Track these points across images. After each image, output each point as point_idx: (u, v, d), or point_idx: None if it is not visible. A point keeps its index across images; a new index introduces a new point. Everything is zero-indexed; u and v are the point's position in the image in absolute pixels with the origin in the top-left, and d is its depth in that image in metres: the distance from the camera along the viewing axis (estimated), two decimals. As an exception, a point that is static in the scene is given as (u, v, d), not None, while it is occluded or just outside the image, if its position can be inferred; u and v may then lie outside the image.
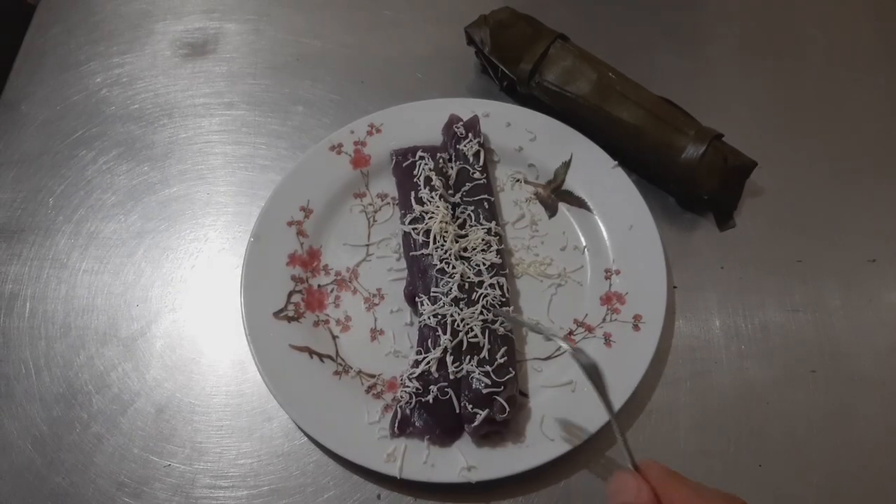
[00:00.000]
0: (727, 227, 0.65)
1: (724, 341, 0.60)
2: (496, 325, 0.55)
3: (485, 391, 0.52)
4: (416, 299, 0.58)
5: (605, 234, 0.62)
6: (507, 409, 0.51)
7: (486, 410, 0.51)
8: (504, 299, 0.57)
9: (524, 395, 0.55)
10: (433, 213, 0.60)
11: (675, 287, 0.62)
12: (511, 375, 0.53)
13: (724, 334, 0.60)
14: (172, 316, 0.62)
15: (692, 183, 0.62)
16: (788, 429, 0.56)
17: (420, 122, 0.67)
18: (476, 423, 0.51)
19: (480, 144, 0.65)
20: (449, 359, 0.54)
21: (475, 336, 0.54)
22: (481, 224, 0.60)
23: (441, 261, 0.58)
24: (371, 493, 0.54)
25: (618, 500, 0.39)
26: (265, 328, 0.57)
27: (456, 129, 0.65)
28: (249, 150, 0.70)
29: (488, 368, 0.53)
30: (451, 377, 0.54)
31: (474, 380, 0.53)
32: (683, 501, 0.37)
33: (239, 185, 0.68)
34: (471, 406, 0.52)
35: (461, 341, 0.54)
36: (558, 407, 0.54)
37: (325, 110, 0.72)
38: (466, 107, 0.67)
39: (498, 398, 0.52)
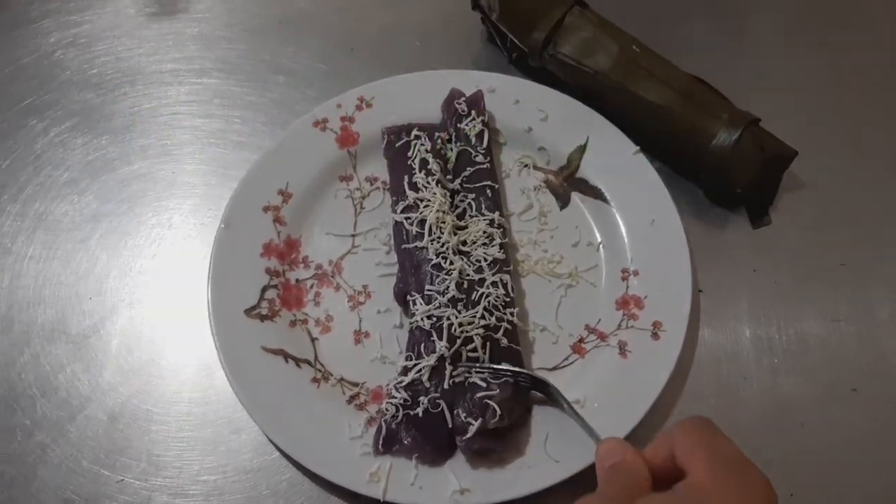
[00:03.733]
0: (762, 225, 0.65)
1: (755, 354, 0.59)
2: (499, 335, 0.55)
3: (478, 396, 0.52)
4: (408, 298, 0.57)
5: (623, 229, 0.62)
6: (499, 412, 0.51)
7: (480, 420, 0.51)
8: (508, 299, 0.57)
9: (526, 409, 0.55)
10: (429, 200, 0.59)
11: (700, 291, 0.61)
12: (506, 378, 0.53)
13: (754, 346, 0.60)
14: (130, 311, 0.61)
15: (723, 173, 0.62)
16: (825, 454, 0.56)
17: (416, 96, 0.67)
18: (469, 435, 0.51)
19: (485, 124, 0.64)
20: (448, 369, 0.54)
21: (474, 349, 0.54)
22: (483, 214, 0.60)
23: (437, 255, 0.57)
24: (350, 517, 0.54)
25: (607, 463, 0.42)
26: (235, 328, 0.57)
27: (457, 106, 0.64)
28: (222, 125, 0.70)
29: (485, 375, 0.53)
30: (447, 386, 0.53)
31: (470, 385, 0.53)
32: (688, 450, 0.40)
33: (209, 163, 0.68)
34: (464, 416, 0.52)
35: (459, 353, 0.54)
36: (564, 424, 0.54)
37: (309, 81, 0.72)
38: (470, 80, 0.67)
39: (491, 403, 0.52)
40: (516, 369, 0.54)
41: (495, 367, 0.54)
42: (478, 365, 0.54)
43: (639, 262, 0.60)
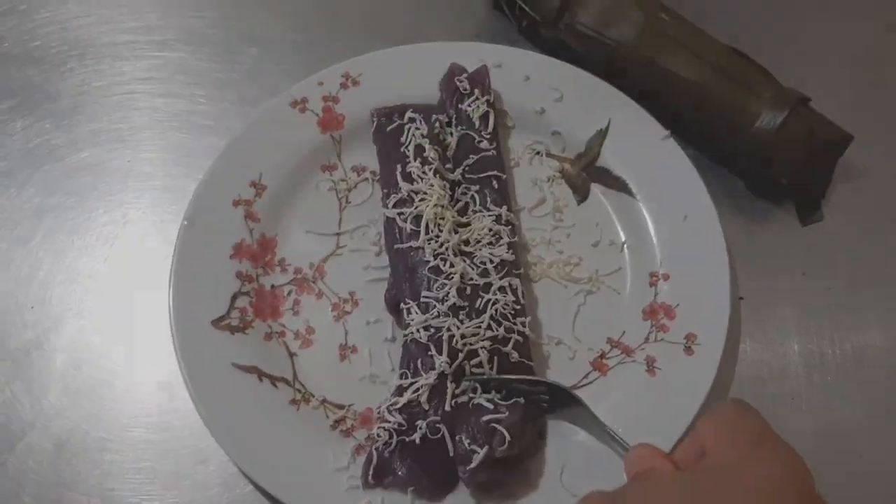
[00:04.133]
0: (812, 221, 0.65)
1: (805, 371, 0.60)
2: (508, 348, 0.55)
3: (484, 419, 0.52)
4: (402, 307, 0.58)
5: (651, 226, 0.62)
6: (508, 438, 0.51)
7: (486, 448, 0.51)
8: (518, 307, 0.57)
9: (539, 435, 0.55)
10: (425, 193, 0.59)
11: (740, 298, 0.61)
12: (518, 399, 0.54)
13: (804, 362, 0.60)
14: (78, 322, 0.61)
15: (767, 161, 0.62)
16: (889, 490, 0.56)
17: (411, 72, 0.67)
18: (473, 465, 0.51)
19: (490, 104, 0.64)
20: (450, 388, 0.54)
21: (479, 364, 0.54)
22: (488, 209, 0.60)
23: (435, 256, 0.57)
24: (336, 561, 0.54)
25: (635, 469, 0.43)
26: (201, 341, 0.57)
27: (458, 84, 0.65)
28: (185, 105, 0.70)
29: (493, 395, 0.54)
30: (449, 408, 0.54)
31: (475, 407, 0.53)
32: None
33: (170, 150, 0.68)
34: (468, 442, 0.52)
35: (462, 369, 0.54)
36: (584, 453, 0.54)
37: (285, 54, 0.72)
38: (473, 54, 0.67)
39: (499, 427, 0.52)
40: (536, 378, 0.54)
41: (509, 377, 0.54)
42: (487, 377, 0.54)
43: (669, 264, 0.60)
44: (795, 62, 0.68)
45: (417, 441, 0.53)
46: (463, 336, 0.55)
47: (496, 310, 0.56)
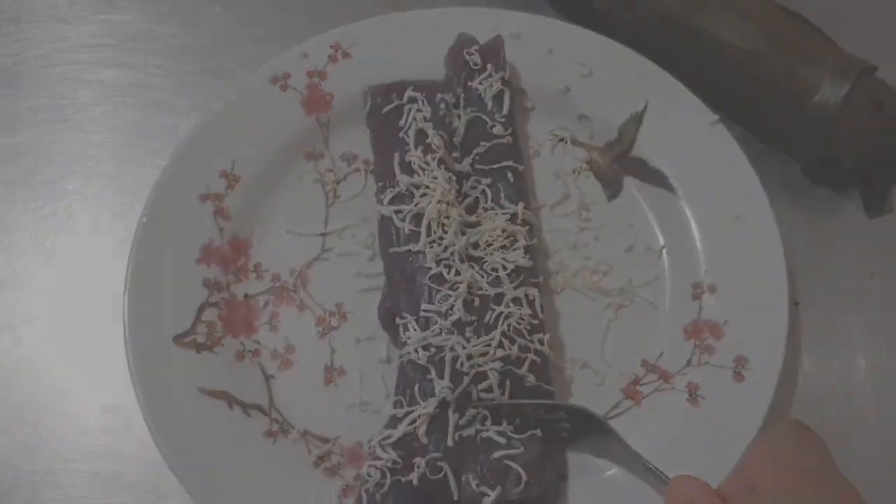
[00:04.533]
0: (881, 213, 0.65)
1: (874, 390, 0.60)
2: (523, 370, 0.55)
3: (495, 455, 0.52)
4: (398, 322, 0.57)
5: (694, 228, 0.62)
6: (524, 478, 0.51)
7: (498, 489, 0.51)
8: (535, 322, 0.57)
9: (562, 475, 0.55)
10: (428, 187, 0.59)
11: (796, 303, 0.61)
12: (534, 432, 0.54)
13: (872, 379, 0.60)
14: (11, 335, 0.62)
15: (829, 142, 0.62)
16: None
17: (412, 44, 0.67)
18: (483, 510, 0.51)
19: (505, 82, 0.64)
20: (453, 418, 0.53)
21: (489, 389, 0.54)
22: (502, 207, 0.60)
23: (438, 262, 0.57)
24: None
25: (680, 501, 0.44)
26: (161, 360, 0.57)
27: (468, 57, 0.65)
28: (139, 77, 0.70)
29: (505, 427, 0.54)
30: (452, 443, 0.53)
31: (483, 441, 0.53)
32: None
33: (123, 131, 0.68)
34: (476, 483, 0.52)
35: (469, 394, 0.54)
36: (613, 491, 0.54)
37: (258, 16, 0.72)
38: (485, 21, 0.67)
39: (513, 465, 0.52)
40: (556, 403, 0.54)
41: (524, 402, 0.54)
42: (497, 402, 0.54)
43: (716, 274, 0.60)
44: (858, 24, 0.68)
45: (415, 482, 0.53)
46: (469, 356, 0.54)
47: (509, 325, 0.56)
